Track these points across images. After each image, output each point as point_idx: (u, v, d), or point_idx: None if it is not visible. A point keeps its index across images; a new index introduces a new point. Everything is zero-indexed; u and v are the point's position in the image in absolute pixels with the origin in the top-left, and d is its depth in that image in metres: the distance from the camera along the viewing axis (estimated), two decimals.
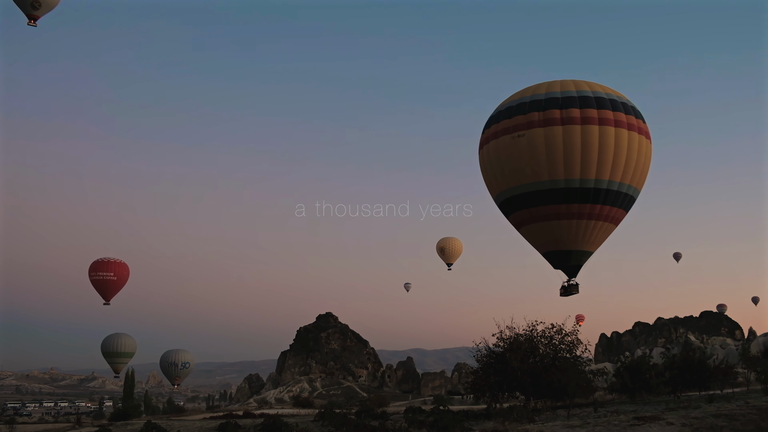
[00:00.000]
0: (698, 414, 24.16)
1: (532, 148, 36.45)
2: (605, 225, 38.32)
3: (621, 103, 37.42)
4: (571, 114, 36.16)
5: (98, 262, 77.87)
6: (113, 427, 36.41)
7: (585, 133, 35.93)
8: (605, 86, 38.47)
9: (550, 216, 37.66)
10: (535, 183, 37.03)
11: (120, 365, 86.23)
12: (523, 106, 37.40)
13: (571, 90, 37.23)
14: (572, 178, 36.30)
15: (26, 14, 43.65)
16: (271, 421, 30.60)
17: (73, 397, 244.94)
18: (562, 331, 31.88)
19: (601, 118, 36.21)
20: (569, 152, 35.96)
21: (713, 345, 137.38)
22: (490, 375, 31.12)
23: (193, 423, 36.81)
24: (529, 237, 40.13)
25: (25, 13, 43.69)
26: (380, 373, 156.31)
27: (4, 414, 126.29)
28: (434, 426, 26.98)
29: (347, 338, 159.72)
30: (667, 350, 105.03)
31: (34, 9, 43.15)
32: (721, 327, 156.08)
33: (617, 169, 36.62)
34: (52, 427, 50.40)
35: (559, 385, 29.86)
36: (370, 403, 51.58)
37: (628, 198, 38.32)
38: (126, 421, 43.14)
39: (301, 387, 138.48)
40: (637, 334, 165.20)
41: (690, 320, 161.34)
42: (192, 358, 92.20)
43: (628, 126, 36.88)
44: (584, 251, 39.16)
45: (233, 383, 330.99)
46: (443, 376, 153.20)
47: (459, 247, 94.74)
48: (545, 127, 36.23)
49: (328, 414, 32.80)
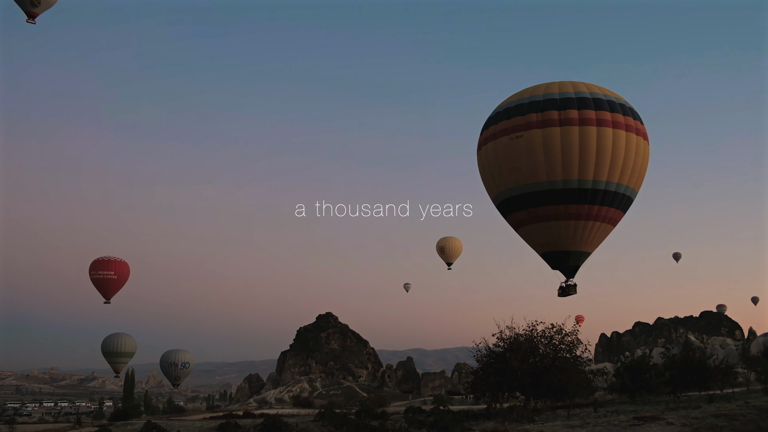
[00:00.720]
0: (698, 414, 24.15)
1: (530, 149, 36.50)
2: (603, 226, 38.40)
3: (619, 105, 37.52)
4: (569, 115, 36.25)
5: (99, 260, 77.68)
6: (113, 427, 36.36)
7: (583, 134, 36.02)
8: (603, 87, 38.57)
9: (549, 217, 37.72)
10: (533, 184, 37.09)
11: (120, 365, 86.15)
12: (521, 108, 37.46)
13: (569, 91, 37.31)
14: (570, 179, 36.37)
15: (25, 12, 43.39)
16: (271, 421, 30.59)
17: (73, 397, 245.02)
18: (562, 331, 31.92)
19: (599, 119, 36.30)
20: (567, 153, 36.04)
21: (713, 345, 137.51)
22: (490, 375, 31.13)
23: (193, 423, 36.75)
24: (528, 238, 40.21)
25: (24, 11, 43.48)
26: (380, 373, 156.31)
27: (4, 414, 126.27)
28: (434, 426, 26.97)
29: (347, 338, 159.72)
30: (667, 350, 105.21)
31: (33, 6, 42.93)
32: (721, 327, 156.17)
33: (615, 170, 36.70)
34: (52, 427, 50.33)
35: (559, 385, 29.87)
36: (370, 403, 51.66)
37: (625, 199, 38.41)
38: (126, 421, 43.10)
39: (301, 387, 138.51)
40: (637, 334, 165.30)
41: (690, 320, 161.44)
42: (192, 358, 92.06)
43: (626, 127, 36.97)
44: (582, 252, 39.24)
45: (233, 383, 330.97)
46: (443, 376, 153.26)
47: (459, 246, 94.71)
48: (543, 129, 36.30)
49: (328, 414, 32.79)
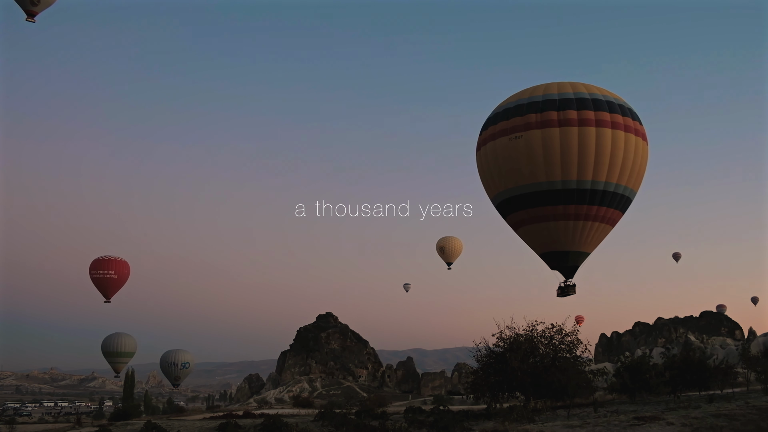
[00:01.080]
0: (698, 414, 24.17)
1: (529, 150, 36.58)
2: (601, 226, 38.48)
3: (618, 105, 37.61)
4: (568, 116, 36.33)
5: (99, 260, 77.64)
6: (113, 427, 36.37)
7: (582, 134, 36.10)
8: (602, 88, 38.66)
9: (548, 217, 37.80)
10: (532, 184, 37.16)
11: (120, 365, 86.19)
12: (520, 108, 37.54)
13: (568, 92, 37.39)
14: (569, 179, 36.45)
15: (24, 10, 43.27)
16: (271, 421, 30.60)
17: (73, 397, 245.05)
18: (562, 331, 31.92)
19: (597, 120, 36.39)
20: (566, 154, 36.12)
21: (713, 345, 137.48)
22: (490, 375, 31.13)
23: (193, 423, 36.74)
24: (527, 238, 40.29)
25: (23, 9, 43.35)
26: (380, 373, 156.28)
27: (4, 414, 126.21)
28: (434, 426, 26.96)
29: (347, 338, 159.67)
30: (667, 350, 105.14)
31: (33, 5, 42.84)
32: (721, 327, 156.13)
33: (613, 171, 36.78)
34: (52, 427, 50.29)
35: (559, 385, 29.86)
36: (370, 403, 51.59)
37: (624, 199, 38.51)
38: (126, 421, 43.10)
39: (301, 387, 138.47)
40: (637, 334, 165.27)
41: (690, 320, 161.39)
42: (192, 358, 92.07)
43: (625, 128, 37.06)
44: (581, 252, 39.32)
45: (233, 383, 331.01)
46: (443, 376, 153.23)
47: (459, 246, 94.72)
48: (542, 129, 36.38)
49: (328, 414, 32.79)
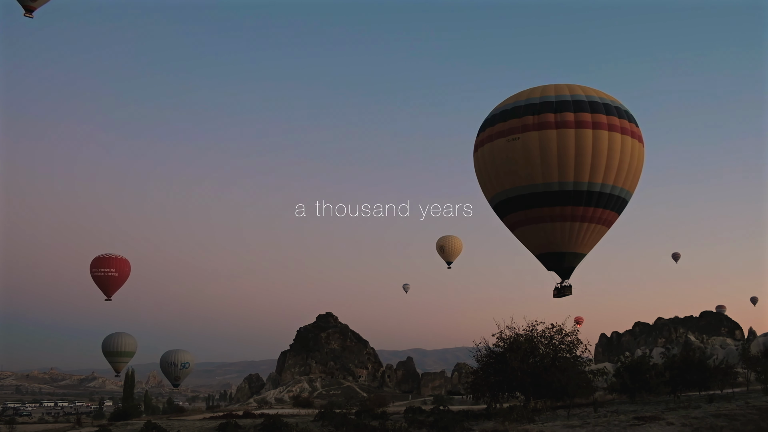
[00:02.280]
0: (698, 414, 24.22)
1: (526, 151, 36.78)
2: (598, 227, 38.67)
3: (614, 108, 37.84)
4: (565, 118, 36.54)
5: (100, 258, 77.67)
6: (113, 427, 36.40)
7: (579, 136, 36.31)
8: (599, 90, 38.92)
9: (544, 218, 38.02)
10: (529, 186, 37.38)
11: (121, 364, 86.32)
12: (517, 110, 37.76)
13: (565, 94, 37.61)
14: (566, 180, 36.66)
15: (23, 5, 42.93)
16: (271, 421, 30.62)
17: (73, 397, 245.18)
18: (562, 331, 31.92)
19: (594, 122, 36.61)
20: (563, 155, 36.34)
21: (713, 345, 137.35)
22: (490, 375, 31.15)
23: (193, 423, 36.77)
24: (524, 239, 40.47)
25: (21, 5, 43.00)
26: (380, 373, 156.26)
27: (4, 414, 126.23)
28: (434, 426, 26.98)
29: (347, 338, 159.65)
30: (667, 350, 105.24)
31: (32, 0, 42.56)
32: (721, 327, 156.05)
33: (610, 173, 36.97)
34: (52, 427, 50.32)
35: (559, 385, 29.87)
36: (370, 403, 51.57)
37: (620, 201, 38.72)
38: (126, 421, 43.13)
39: (301, 387, 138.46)
40: (637, 334, 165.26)
41: (690, 320, 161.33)
42: (192, 358, 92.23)
43: (621, 130, 37.29)
44: (577, 253, 39.54)
45: (233, 383, 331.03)
46: (443, 376, 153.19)
47: (459, 245, 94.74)
48: (540, 131, 36.60)
49: (328, 414, 32.82)
